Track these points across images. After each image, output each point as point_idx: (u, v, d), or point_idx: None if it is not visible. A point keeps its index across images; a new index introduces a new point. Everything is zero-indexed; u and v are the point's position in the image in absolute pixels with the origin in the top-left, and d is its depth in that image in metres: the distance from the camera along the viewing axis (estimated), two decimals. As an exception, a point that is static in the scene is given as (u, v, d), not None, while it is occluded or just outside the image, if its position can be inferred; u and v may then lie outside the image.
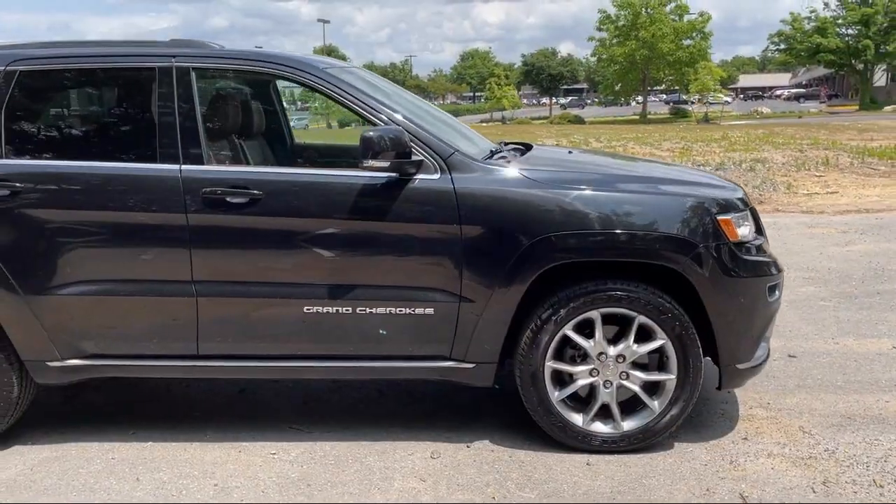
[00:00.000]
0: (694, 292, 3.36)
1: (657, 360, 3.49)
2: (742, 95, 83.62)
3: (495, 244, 3.32)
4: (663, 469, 3.35)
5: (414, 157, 3.32)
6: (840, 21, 47.09)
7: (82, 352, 3.52)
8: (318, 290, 3.41)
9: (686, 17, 44.45)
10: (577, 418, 3.48)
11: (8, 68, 3.48)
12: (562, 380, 3.49)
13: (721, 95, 48.43)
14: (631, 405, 3.51)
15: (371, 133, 3.21)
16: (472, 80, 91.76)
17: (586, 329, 3.42)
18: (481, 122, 55.51)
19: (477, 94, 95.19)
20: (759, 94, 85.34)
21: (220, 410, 4.12)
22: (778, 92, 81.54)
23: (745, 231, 3.45)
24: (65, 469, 3.46)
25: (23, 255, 3.40)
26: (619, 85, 46.85)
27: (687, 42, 44.24)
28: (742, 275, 3.38)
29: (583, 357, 3.48)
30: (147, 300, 3.45)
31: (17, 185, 3.38)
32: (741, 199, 3.54)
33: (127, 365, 3.59)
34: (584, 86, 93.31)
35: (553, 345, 3.41)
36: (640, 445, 3.48)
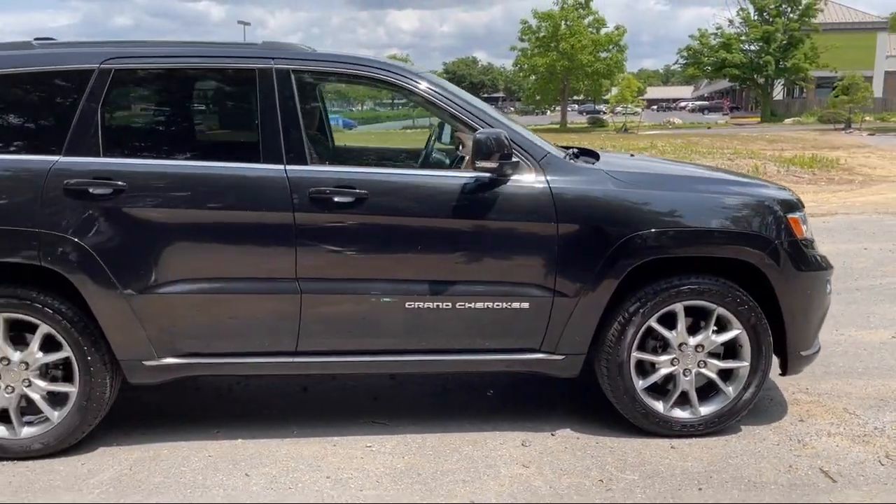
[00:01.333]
0: (763, 285, 3.65)
1: (730, 349, 3.75)
2: (655, 107, 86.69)
3: (589, 241, 3.52)
4: (742, 450, 3.62)
5: (513, 159, 3.49)
6: (744, 38, 49.57)
7: (179, 350, 3.52)
8: (419, 287, 3.53)
9: (603, 30, 45.99)
10: (659, 405, 3.71)
11: (102, 66, 3.46)
12: (644, 369, 3.71)
13: (633, 106, 50.18)
14: (705, 392, 3.77)
15: (482, 135, 3.37)
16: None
17: (668, 321, 3.66)
18: (404, 128, 55.50)
19: (396, 100, 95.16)
20: (670, 105, 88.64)
21: (292, 408, 4.16)
22: (682, 104, 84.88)
23: (806, 229, 3.77)
24: (166, 468, 3.46)
25: (125, 253, 3.38)
26: (540, 95, 47.92)
27: (604, 55, 45.78)
28: (808, 269, 3.69)
29: (663, 347, 3.71)
30: (250, 298, 3.49)
31: (119, 183, 3.37)
32: (800, 201, 3.86)
33: (222, 363, 3.61)
34: (501, 94, 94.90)
35: (639, 336, 3.63)
36: (714, 429, 3.75)
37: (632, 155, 4.96)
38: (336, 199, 3.44)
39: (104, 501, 3.18)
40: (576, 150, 4.19)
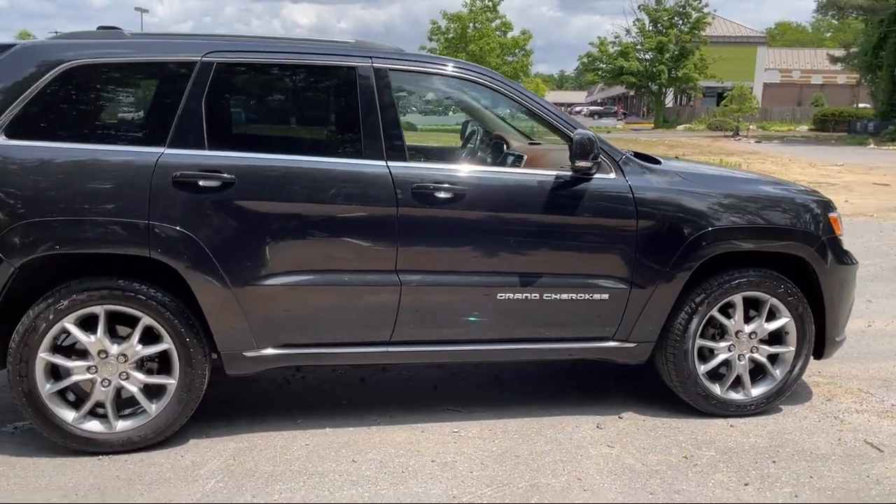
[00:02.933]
0: (804, 278, 4.05)
1: (775, 336, 4.12)
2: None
3: (664, 237, 3.81)
4: (793, 427, 4.00)
5: (598, 159, 3.74)
6: (639, 47, 51.75)
7: (278, 341, 3.58)
8: (510, 279, 3.72)
9: (509, 34, 47.04)
10: (716, 388, 4.04)
11: (204, 59, 3.47)
12: (703, 356, 4.03)
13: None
14: (754, 375, 4.13)
15: (581, 137, 3.60)
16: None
17: (727, 310, 3.99)
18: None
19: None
20: (567, 109, 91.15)
21: (358, 398, 4.25)
22: (577, 108, 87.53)
23: (841, 227, 4.19)
24: (269, 456, 3.51)
25: (232, 245, 3.41)
26: (446, 95, 48.48)
27: (510, 58, 46.78)
28: (844, 263, 4.12)
29: (721, 335, 4.05)
30: (351, 290, 3.58)
31: (228, 176, 3.39)
32: (833, 202, 4.29)
33: (318, 353, 3.68)
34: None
35: (702, 325, 3.95)
36: (763, 409, 4.12)
37: (677, 158, 5.29)
38: (437, 194, 3.58)
39: (224, 489, 3.21)
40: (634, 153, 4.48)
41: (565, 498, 3.21)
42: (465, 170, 3.85)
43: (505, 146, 4.74)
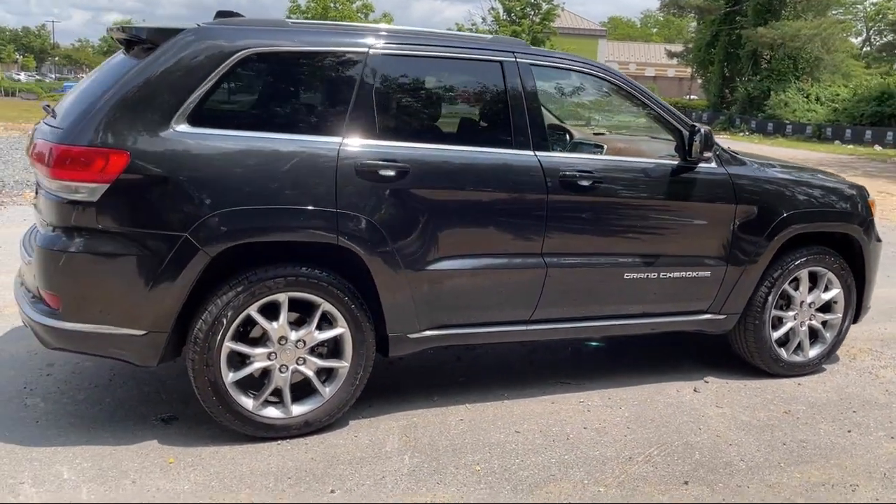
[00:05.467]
0: (850, 253, 4.70)
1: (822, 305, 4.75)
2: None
3: (756, 220, 4.31)
4: (846, 383, 4.64)
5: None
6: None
7: (436, 322, 3.75)
8: (634, 259, 4.09)
9: (371, 17, 46.90)
10: (783, 352, 4.62)
11: (371, 51, 3.57)
12: (774, 324, 4.60)
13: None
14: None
15: (706, 130, 4.02)
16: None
17: (794, 284, 4.57)
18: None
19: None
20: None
21: (467, 375, 4.47)
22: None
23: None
24: (437, 432, 3.68)
25: (405, 232, 3.55)
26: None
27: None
28: (879, 240, 4.81)
29: (787, 305, 4.63)
30: (504, 272, 3.81)
31: (403, 165, 3.52)
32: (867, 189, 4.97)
33: (469, 333, 3.88)
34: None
35: (777, 297, 4.51)
36: (815, 369, 4.75)
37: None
38: (580, 182, 3.88)
39: (424, 463, 3.38)
40: None
41: (719, 453, 3.63)
42: (598, 158, 4.16)
43: (568, 136, 5.07)
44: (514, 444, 3.61)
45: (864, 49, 57.33)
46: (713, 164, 4.23)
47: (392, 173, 3.49)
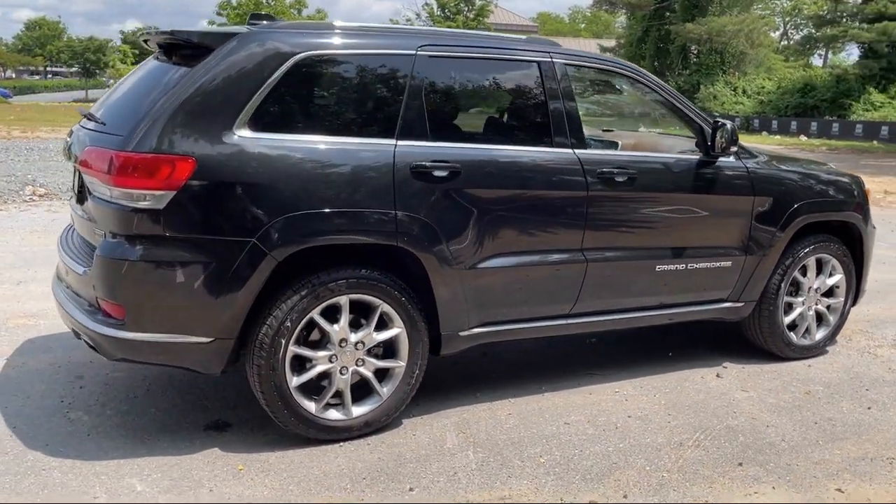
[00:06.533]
0: (848, 240, 4.96)
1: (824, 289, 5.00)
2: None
3: (771, 210, 4.51)
4: (851, 362, 4.90)
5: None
6: (428, 30, 53.14)
7: (483, 320, 3.81)
8: (665, 252, 4.24)
9: (304, 13, 46.44)
10: (793, 336, 4.85)
11: (419, 52, 3.61)
12: (785, 310, 4.82)
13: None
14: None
15: (732, 126, 4.19)
16: (42, 53, 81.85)
17: (803, 271, 4.80)
18: (75, 101, 50.61)
19: (50, 68, 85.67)
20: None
21: (508, 372, 4.54)
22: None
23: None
24: (491, 427, 3.75)
25: (458, 232, 3.59)
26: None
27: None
28: (873, 227, 5.08)
29: (796, 291, 4.85)
30: (547, 268, 3.89)
31: (455, 165, 3.57)
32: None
33: (512, 329, 3.95)
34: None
35: (788, 284, 4.73)
36: (820, 351, 5.00)
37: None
38: (616, 178, 4.00)
39: (490, 458, 3.44)
40: None
41: (760, 435, 3.80)
42: (631, 154, 4.29)
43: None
44: (568, 436, 3.70)
45: (783, 43, 59.57)
46: (731, 158, 4.41)
47: (444, 174, 3.53)
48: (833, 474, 3.43)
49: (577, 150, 3.91)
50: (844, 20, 37.58)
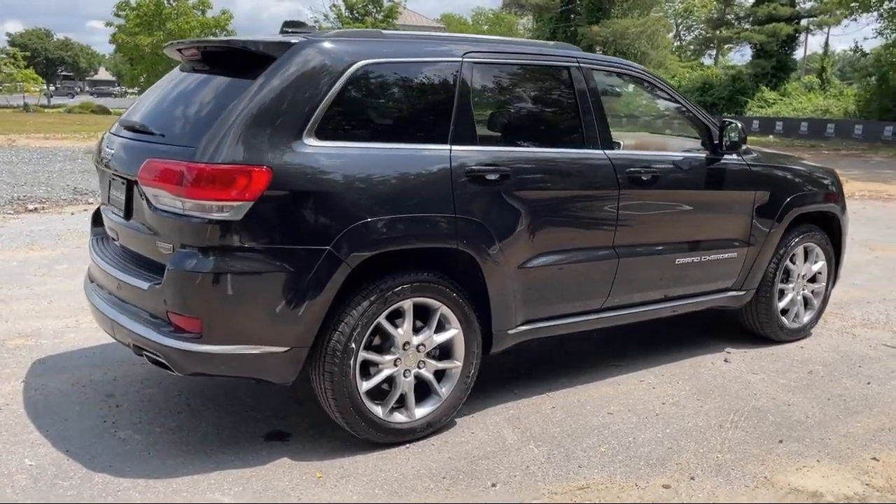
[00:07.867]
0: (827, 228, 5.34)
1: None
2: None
3: (769, 202, 4.82)
4: (836, 342, 5.28)
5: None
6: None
7: (527, 317, 3.93)
8: (683, 245, 4.48)
9: (209, 13, 45.18)
10: (786, 320, 5.19)
11: (465, 59, 3.70)
12: (778, 296, 5.15)
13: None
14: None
15: (741, 125, 4.46)
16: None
17: (793, 259, 5.14)
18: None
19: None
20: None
21: (536, 368, 4.66)
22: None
23: (842, 189, 5.57)
24: (542, 421, 3.87)
25: (509, 233, 3.70)
26: (146, 76, 45.10)
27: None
28: (846, 215, 5.49)
29: (787, 278, 5.19)
30: (585, 266, 4.05)
31: (505, 168, 3.68)
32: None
33: (551, 325, 4.08)
34: (72, 74, 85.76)
35: (781, 272, 5.06)
36: (807, 334, 5.36)
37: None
38: (643, 177, 4.20)
39: (555, 452, 3.56)
40: None
41: (785, 413, 4.07)
42: (653, 154, 4.50)
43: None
44: (616, 425, 3.86)
45: (676, 44, 62.13)
46: (734, 155, 4.68)
47: (496, 177, 3.63)
48: (863, 445, 3.71)
49: (606, 151, 4.08)
50: (737, 22, 39.67)
